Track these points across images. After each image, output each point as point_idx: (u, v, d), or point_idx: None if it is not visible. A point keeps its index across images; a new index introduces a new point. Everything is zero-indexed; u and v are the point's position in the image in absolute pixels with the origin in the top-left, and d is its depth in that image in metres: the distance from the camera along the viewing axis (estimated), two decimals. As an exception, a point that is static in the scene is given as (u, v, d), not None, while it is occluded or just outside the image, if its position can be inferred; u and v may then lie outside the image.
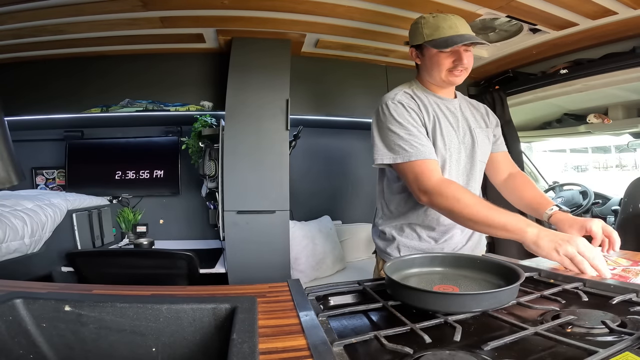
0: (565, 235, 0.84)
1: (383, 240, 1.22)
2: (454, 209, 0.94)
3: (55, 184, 2.54)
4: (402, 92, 1.13)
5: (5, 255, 1.52)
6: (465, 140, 1.15)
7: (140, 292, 0.73)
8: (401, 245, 1.16)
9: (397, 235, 1.17)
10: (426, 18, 1.10)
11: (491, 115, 1.27)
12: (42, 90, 2.21)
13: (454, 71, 1.08)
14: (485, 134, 1.20)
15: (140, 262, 1.78)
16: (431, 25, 1.07)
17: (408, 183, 1.05)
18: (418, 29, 1.10)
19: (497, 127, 1.27)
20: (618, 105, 2.48)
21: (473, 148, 1.15)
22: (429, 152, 1.03)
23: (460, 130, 1.14)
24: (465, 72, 1.10)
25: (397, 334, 0.55)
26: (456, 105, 1.17)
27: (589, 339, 0.52)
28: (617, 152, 6.56)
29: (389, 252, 1.18)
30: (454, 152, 1.12)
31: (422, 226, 1.14)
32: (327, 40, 2.11)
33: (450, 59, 1.07)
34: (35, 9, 1.60)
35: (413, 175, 1.02)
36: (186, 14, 1.78)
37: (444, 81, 1.11)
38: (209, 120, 2.17)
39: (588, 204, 2.95)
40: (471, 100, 1.27)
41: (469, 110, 1.21)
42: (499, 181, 1.29)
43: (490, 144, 1.23)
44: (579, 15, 1.69)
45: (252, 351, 0.48)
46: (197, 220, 2.59)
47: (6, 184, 0.59)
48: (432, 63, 1.10)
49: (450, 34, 1.04)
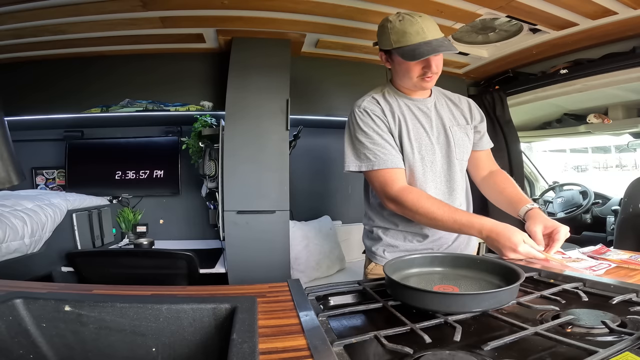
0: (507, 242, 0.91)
1: (370, 239, 1.23)
2: (414, 215, 1.03)
3: (55, 184, 2.54)
4: (369, 98, 1.14)
5: (5, 255, 1.52)
6: (440, 140, 1.13)
7: (140, 292, 0.73)
8: (386, 245, 1.16)
9: (383, 234, 1.17)
10: (392, 22, 1.05)
11: (475, 110, 1.22)
12: (42, 90, 2.21)
13: (424, 77, 1.07)
14: (464, 132, 1.16)
15: (140, 262, 1.79)
16: (397, 31, 1.03)
17: (375, 190, 1.11)
18: (385, 33, 1.07)
19: (482, 123, 1.22)
20: (618, 105, 2.48)
21: (449, 147, 1.13)
22: (392, 160, 1.06)
23: (434, 130, 1.13)
24: (436, 76, 1.08)
25: (397, 334, 0.55)
26: (429, 105, 1.15)
27: (589, 339, 0.52)
28: (617, 152, 6.56)
29: (374, 251, 1.19)
30: (426, 153, 1.11)
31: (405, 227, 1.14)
32: (327, 40, 2.11)
33: (419, 66, 1.05)
34: (35, 9, 1.60)
35: (378, 183, 1.08)
36: (186, 14, 1.78)
37: (415, 86, 1.11)
38: (209, 120, 2.17)
39: (588, 204, 2.95)
40: (452, 95, 1.23)
41: (447, 107, 1.18)
42: (479, 178, 1.26)
43: (470, 142, 1.19)
44: (579, 15, 1.69)
45: (252, 351, 0.48)
46: (197, 220, 2.59)
47: (6, 184, 0.59)
48: (401, 70, 1.09)
49: (418, 41, 1.01)
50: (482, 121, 1.22)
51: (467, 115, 1.20)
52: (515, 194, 1.14)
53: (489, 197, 1.23)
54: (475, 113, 1.22)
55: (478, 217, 0.97)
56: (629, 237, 2.07)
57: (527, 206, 1.05)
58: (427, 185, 1.11)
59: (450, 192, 1.14)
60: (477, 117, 1.22)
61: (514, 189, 1.17)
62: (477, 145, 1.22)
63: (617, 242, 2.16)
